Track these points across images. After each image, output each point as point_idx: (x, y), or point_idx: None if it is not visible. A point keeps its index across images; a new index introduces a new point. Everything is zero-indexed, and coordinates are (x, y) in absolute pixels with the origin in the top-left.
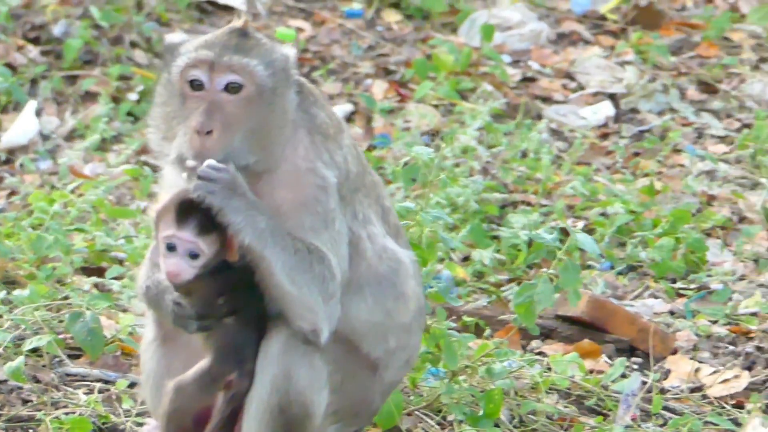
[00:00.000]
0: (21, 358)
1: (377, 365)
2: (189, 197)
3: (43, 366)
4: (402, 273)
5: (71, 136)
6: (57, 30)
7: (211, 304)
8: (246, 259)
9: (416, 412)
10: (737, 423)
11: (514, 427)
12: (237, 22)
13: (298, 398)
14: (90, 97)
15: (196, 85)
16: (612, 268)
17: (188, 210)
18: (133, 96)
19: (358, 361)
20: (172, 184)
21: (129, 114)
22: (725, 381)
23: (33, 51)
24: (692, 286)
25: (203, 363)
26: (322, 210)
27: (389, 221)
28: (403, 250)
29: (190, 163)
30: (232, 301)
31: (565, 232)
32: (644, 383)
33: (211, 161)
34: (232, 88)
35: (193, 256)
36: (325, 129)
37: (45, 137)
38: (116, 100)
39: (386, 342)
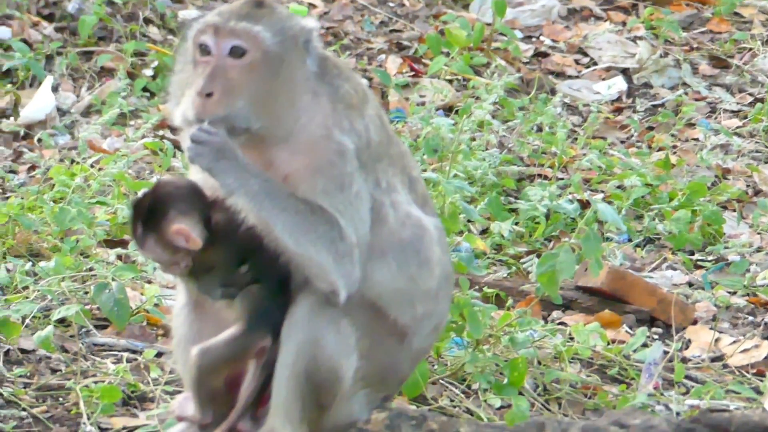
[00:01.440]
0: (50, 327)
1: (405, 332)
2: (133, 208)
3: (71, 336)
4: (426, 239)
5: (88, 112)
6: (71, 7)
7: (233, 272)
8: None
9: (441, 381)
10: (758, 391)
11: (539, 395)
12: None
13: (327, 363)
14: (105, 72)
15: (204, 49)
16: (630, 240)
17: (133, 221)
18: (148, 72)
19: (385, 327)
20: None
21: (144, 90)
22: (745, 351)
23: (48, 27)
24: (710, 258)
25: (234, 329)
26: (338, 173)
27: (417, 190)
28: (429, 217)
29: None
30: (255, 269)
31: (583, 205)
32: (665, 353)
33: (203, 125)
34: (235, 53)
35: None
36: (348, 99)
37: (62, 112)
38: (131, 75)
39: (413, 308)
